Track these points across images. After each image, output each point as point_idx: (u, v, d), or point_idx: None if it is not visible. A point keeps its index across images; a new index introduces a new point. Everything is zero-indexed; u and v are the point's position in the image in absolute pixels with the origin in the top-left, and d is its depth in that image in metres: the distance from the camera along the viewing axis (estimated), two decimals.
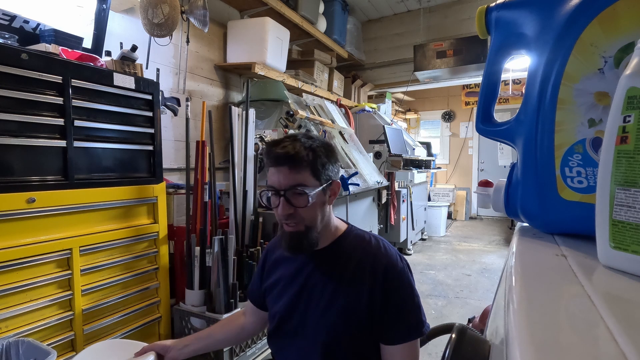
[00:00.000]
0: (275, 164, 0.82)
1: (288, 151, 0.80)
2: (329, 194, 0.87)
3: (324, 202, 0.86)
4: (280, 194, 0.81)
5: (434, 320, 2.61)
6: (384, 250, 0.88)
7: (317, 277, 0.90)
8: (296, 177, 0.80)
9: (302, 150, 0.80)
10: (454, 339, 0.46)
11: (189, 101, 2.04)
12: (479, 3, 3.85)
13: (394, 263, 0.86)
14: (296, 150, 0.80)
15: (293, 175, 0.80)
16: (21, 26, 1.53)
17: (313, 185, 0.81)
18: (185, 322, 1.82)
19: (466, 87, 6.54)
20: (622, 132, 0.30)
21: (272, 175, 0.83)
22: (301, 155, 0.80)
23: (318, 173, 0.82)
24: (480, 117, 0.59)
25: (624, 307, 0.27)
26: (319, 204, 0.84)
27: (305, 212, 0.82)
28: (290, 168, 0.80)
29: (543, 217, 0.48)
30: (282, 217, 0.83)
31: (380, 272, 0.84)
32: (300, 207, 0.81)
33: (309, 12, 3.25)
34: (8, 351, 1.12)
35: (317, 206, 0.84)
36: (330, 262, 0.90)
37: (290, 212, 0.81)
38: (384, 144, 3.89)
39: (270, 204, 0.86)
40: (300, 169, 0.80)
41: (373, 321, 0.83)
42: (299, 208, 0.81)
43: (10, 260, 1.23)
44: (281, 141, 0.83)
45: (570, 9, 0.42)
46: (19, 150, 1.27)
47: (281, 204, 0.81)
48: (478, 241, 5.02)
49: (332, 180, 0.87)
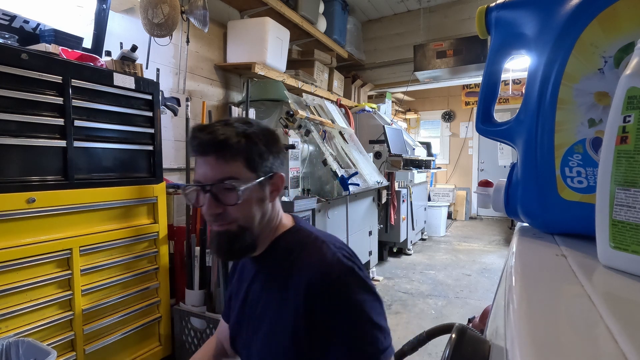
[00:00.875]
0: (201, 153, 0.67)
1: (216, 137, 0.65)
2: (269, 188, 0.72)
3: (263, 199, 0.71)
4: (205, 189, 0.66)
5: (434, 320, 2.61)
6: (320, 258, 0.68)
7: (255, 288, 0.77)
8: (225, 168, 0.66)
9: (233, 136, 0.66)
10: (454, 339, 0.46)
11: (189, 101, 2.04)
12: (479, 3, 3.85)
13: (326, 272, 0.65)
14: (226, 135, 0.65)
15: (221, 167, 0.66)
16: (21, 26, 1.53)
17: (246, 179, 0.67)
18: (185, 322, 1.82)
19: (466, 87, 6.54)
20: (622, 132, 0.30)
21: (199, 167, 0.68)
22: (232, 142, 0.65)
23: (254, 164, 0.68)
24: (480, 117, 0.59)
25: (624, 307, 0.27)
26: (255, 200, 0.69)
27: (237, 211, 0.67)
28: (218, 158, 0.66)
29: (543, 217, 0.48)
30: (209, 216, 0.68)
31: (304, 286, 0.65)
32: (229, 204, 0.66)
33: (309, 12, 3.25)
34: (8, 351, 1.12)
35: (252, 203, 0.69)
36: (265, 271, 0.75)
37: (219, 211, 0.67)
38: (384, 144, 3.89)
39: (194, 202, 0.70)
40: (230, 159, 0.66)
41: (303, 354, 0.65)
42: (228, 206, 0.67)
43: (10, 260, 1.23)
44: (209, 125, 0.68)
45: (570, 9, 0.42)
46: (19, 150, 1.27)
47: (207, 201, 0.66)
48: (478, 241, 5.02)
49: (274, 173, 0.72)
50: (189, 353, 1.82)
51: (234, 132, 0.66)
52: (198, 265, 1.81)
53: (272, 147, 0.71)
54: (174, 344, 1.87)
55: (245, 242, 0.70)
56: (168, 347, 1.83)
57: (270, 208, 0.74)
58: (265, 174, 0.70)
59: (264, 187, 0.71)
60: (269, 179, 0.71)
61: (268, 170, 0.71)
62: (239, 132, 0.67)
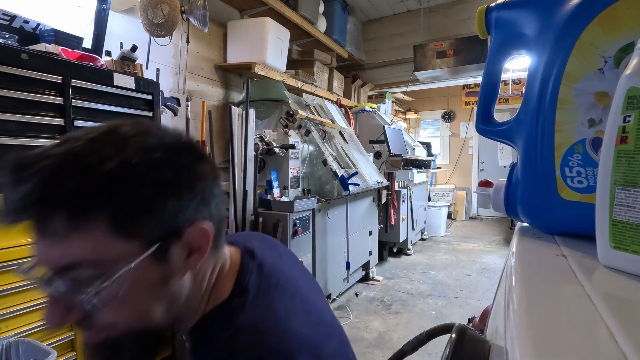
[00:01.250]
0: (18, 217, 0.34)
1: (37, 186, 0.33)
2: (180, 255, 0.41)
3: (163, 279, 0.41)
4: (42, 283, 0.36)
5: (434, 320, 2.61)
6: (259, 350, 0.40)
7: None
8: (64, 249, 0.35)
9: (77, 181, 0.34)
10: (454, 339, 0.46)
11: (189, 101, 2.04)
12: (479, 3, 3.85)
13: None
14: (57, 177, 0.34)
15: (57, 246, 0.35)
16: (21, 26, 1.53)
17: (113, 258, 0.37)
18: None
19: (466, 87, 6.54)
20: (622, 132, 0.30)
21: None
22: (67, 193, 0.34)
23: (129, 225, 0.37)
24: (480, 117, 0.59)
25: (624, 307, 0.27)
26: (141, 291, 0.39)
27: (110, 313, 0.38)
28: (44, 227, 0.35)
29: (543, 217, 0.48)
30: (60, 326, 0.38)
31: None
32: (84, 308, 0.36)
33: (309, 12, 3.25)
34: (8, 351, 1.12)
35: (132, 298, 0.39)
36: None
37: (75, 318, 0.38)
38: (384, 144, 3.89)
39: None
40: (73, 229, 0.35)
41: None
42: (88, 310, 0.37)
43: (11, 260, 1.23)
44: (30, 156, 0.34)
45: (570, 9, 0.42)
46: (19, 150, 1.27)
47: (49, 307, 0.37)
48: (478, 241, 5.02)
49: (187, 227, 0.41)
50: None
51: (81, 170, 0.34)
52: None
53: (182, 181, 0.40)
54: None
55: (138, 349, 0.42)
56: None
57: (194, 278, 0.45)
58: (160, 236, 0.39)
59: (164, 258, 0.40)
60: (174, 241, 0.40)
61: (169, 226, 0.39)
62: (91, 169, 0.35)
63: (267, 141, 2.37)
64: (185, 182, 0.40)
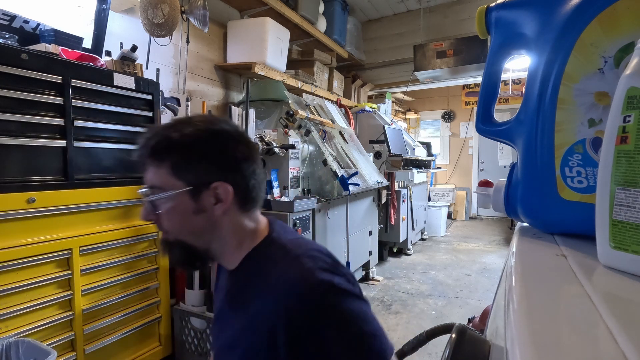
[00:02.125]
0: (136, 157, 0.65)
1: (143, 143, 0.63)
2: (211, 200, 0.62)
3: (198, 211, 0.62)
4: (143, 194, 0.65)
5: (434, 320, 2.61)
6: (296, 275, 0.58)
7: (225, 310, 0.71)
8: (149, 176, 0.63)
9: (158, 140, 0.61)
10: (454, 339, 0.46)
11: (189, 101, 2.04)
12: (479, 3, 3.85)
13: (305, 296, 0.56)
14: (152, 141, 0.62)
15: (148, 174, 0.63)
16: (21, 26, 1.53)
17: (171, 187, 0.61)
18: (185, 322, 1.82)
19: (466, 87, 6.54)
20: (622, 132, 0.30)
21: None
22: (152, 146, 0.61)
23: (181, 171, 0.61)
24: (480, 117, 0.59)
25: (624, 307, 0.27)
26: (183, 212, 0.62)
27: (165, 220, 0.63)
28: (146, 164, 0.64)
29: (543, 217, 0.48)
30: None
31: (282, 313, 0.57)
32: (151, 213, 0.64)
33: (309, 12, 3.25)
34: (8, 351, 1.12)
35: (180, 214, 0.62)
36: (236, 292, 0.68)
37: (150, 218, 0.64)
38: (384, 144, 3.89)
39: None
40: (155, 166, 0.62)
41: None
42: (157, 214, 0.63)
43: (10, 260, 1.23)
44: (150, 129, 0.66)
45: (570, 9, 0.42)
46: (19, 150, 1.27)
47: (143, 208, 0.65)
48: (478, 241, 5.02)
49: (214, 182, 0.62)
50: (189, 353, 1.83)
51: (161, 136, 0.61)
52: None
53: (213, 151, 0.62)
54: (174, 344, 1.87)
55: (182, 255, 0.65)
56: (168, 347, 1.83)
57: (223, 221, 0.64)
58: (195, 183, 0.61)
59: (198, 199, 0.62)
60: (203, 188, 0.62)
61: (203, 179, 0.61)
62: (165, 136, 0.61)
63: (267, 141, 2.37)
64: (216, 154, 0.63)
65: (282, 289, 0.58)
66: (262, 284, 0.62)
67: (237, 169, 0.64)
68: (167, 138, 0.61)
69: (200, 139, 0.62)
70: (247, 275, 0.66)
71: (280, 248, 0.65)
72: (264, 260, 0.65)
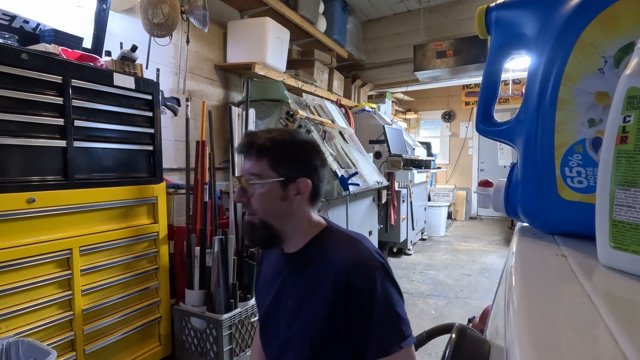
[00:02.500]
0: (240, 152, 0.84)
1: (250, 140, 0.81)
2: (294, 191, 0.81)
3: (284, 198, 0.81)
4: (239, 180, 0.82)
5: (434, 320, 2.61)
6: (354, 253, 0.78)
7: (289, 283, 0.85)
8: (251, 165, 0.80)
9: (264, 141, 0.80)
10: (454, 339, 0.46)
11: (189, 101, 2.04)
12: (479, 3, 3.85)
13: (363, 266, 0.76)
14: (258, 140, 0.80)
15: (249, 163, 0.81)
16: (21, 26, 1.53)
17: (268, 177, 0.79)
18: (185, 322, 1.82)
19: (466, 87, 6.54)
20: (622, 132, 0.30)
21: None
22: (259, 144, 0.80)
23: (277, 166, 0.80)
24: (480, 117, 0.59)
25: (624, 307, 0.27)
26: (273, 197, 0.80)
27: (257, 202, 0.80)
28: (249, 156, 0.81)
29: (543, 217, 0.48)
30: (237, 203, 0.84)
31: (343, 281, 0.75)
32: (248, 195, 0.81)
33: (309, 12, 3.25)
34: (8, 351, 1.12)
35: (270, 199, 0.80)
36: (300, 268, 0.84)
37: (242, 199, 0.81)
38: (384, 144, 3.89)
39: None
40: (257, 159, 0.80)
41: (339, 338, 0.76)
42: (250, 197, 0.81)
43: (10, 260, 1.23)
44: (252, 132, 0.85)
45: (570, 9, 0.42)
46: (19, 150, 1.27)
47: (237, 190, 0.82)
48: (478, 241, 5.02)
49: (299, 178, 0.81)
50: (189, 353, 1.82)
51: (265, 138, 0.80)
52: (198, 265, 1.81)
53: (301, 154, 0.83)
54: (174, 344, 1.87)
55: (263, 233, 0.81)
56: (168, 347, 1.83)
57: (298, 210, 0.83)
58: (288, 176, 0.80)
59: (286, 188, 0.81)
60: (291, 181, 0.81)
61: (293, 174, 0.81)
62: (268, 138, 0.80)
63: None
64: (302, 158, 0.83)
65: (344, 262, 0.76)
66: (325, 260, 0.80)
67: (315, 171, 0.84)
68: (270, 140, 0.80)
69: (295, 144, 0.82)
70: (311, 255, 0.83)
71: (340, 235, 0.85)
72: (327, 242, 0.83)
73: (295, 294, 0.83)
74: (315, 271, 0.81)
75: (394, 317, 0.74)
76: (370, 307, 0.73)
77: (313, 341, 0.78)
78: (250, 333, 1.87)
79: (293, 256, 0.86)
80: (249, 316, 1.86)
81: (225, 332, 1.71)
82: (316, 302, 0.78)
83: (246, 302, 1.86)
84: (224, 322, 1.71)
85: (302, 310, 0.80)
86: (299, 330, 0.81)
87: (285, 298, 0.85)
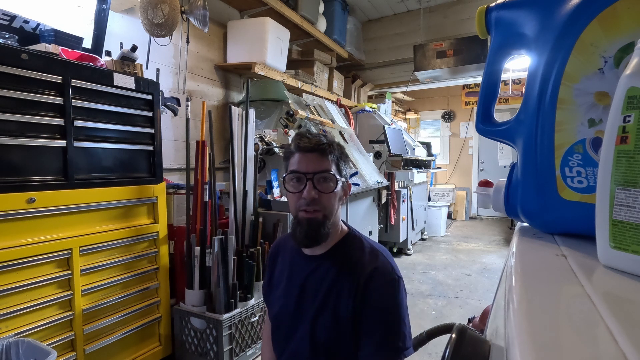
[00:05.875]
0: (305, 151, 0.85)
1: (320, 140, 0.85)
2: (342, 192, 0.90)
3: (340, 198, 0.89)
4: (307, 177, 0.83)
5: (434, 320, 2.61)
6: (377, 263, 0.84)
7: (313, 282, 0.88)
8: (325, 164, 0.84)
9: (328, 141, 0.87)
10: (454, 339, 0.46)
11: (189, 101, 2.04)
12: (479, 3, 3.85)
13: (383, 275, 0.83)
14: (328, 142, 0.86)
15: (322, 162, 0.84)
16: (21, 26, 1.53)
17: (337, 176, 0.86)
18: (185, 322, 1.82)
19: (466, 87, 6.53)
20: (622, 132, 0.30)
21: (299, 162, 0.85)
22: (329, 146, 0.86)
23: (339, 168, 0.87)
24: (480, 117, 0.58)
25: (624, 307, 0.27)
26: (337, 196, 0.87)
27: (327, 200, 0.84)
28: (320, 155, 0.84)
29: (543, 217, 0.48)
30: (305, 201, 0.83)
31: (364, 282, 0.82)
32: (325, 192, 0.84)
33: (309, 12, 3.25)
34: (8, 351, 1.12)
35: (335, 197, 0.86)
36: (324, 270, 0.88)
37: (316, 196, 0.83)
38: (384, 144, 3.89)
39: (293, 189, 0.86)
40: (328, 159, 0.85)
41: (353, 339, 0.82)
42: (323, 193, 0.83)
43: (10, 260, 1.23)
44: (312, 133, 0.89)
45: (570, 9, 0.42)
46: (19, 150, 1.27)
47: (307, 187, 0.83)
48: (478, 241, 5.02)
49: (348, 180, 0.91)
50: (189, 353, 1.82)
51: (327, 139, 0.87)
52: (198, 265, 1.81)
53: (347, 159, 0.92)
54: (174, 344, 1.87)
55: (325, 230, 0.85)
56: (168, 347, 1.83)
57: (339, 212, 0.90)
58: (344, 176, 0.89)
59: (342, 188, 0.89)
60: (345, 182, 0.90)
61: (346, 174, 0.90)
62: (331, 141, 0.87)
63: (267, 141, 2.37)
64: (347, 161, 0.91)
65: (365, 271, 0.82)
66: (348, 266, 0.85)
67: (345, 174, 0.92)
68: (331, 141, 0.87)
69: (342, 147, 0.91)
70: (336, 259, 0.88)
71: (363, 243, 0.90)
72: (352, 250, 0.88)
73: (316, 295, 0.86)
74: (338, 275, 0.85)
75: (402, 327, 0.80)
76: (386, 314, 0.79)
77: (330, 342, 0.82)
78: (250, 333, 1.87)
79: (317, 258, 0.89)
80: (249, 316, 1.86)
81: (225, 332, 1.71)
82: (336, 305, 0.82)
83: (246, 302, 1.86)
84: (224, 322, 1.71)
85: (322, 312, 0.84)
86: (317, 331, 0.84)
87: (305, 297, 0.88)
